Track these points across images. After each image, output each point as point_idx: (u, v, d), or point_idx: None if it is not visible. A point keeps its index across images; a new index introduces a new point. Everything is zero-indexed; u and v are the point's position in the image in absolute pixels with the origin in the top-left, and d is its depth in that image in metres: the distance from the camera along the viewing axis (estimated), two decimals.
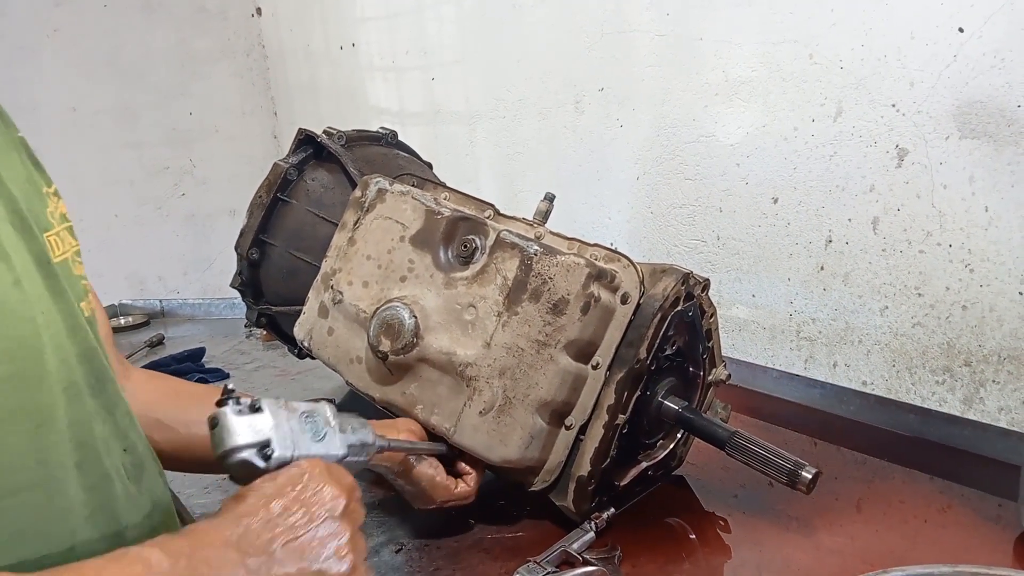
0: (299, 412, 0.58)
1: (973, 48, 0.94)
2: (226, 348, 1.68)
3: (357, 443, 0.62)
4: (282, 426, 0.55)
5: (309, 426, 0.58)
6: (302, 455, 0.56)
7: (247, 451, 0.53)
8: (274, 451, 0.54)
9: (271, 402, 0.56)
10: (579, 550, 0.77)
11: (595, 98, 1.45)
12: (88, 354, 0.55)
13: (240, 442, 0.53)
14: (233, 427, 0.53)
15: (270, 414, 0.55)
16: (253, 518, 0.51)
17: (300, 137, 1.17)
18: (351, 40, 2.14)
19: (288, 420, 0.56)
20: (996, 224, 0.96)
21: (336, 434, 0.60)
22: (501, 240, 0.82)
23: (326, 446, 0.58)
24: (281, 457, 0.54)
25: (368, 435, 0.64)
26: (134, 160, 2.62)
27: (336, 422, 0.61)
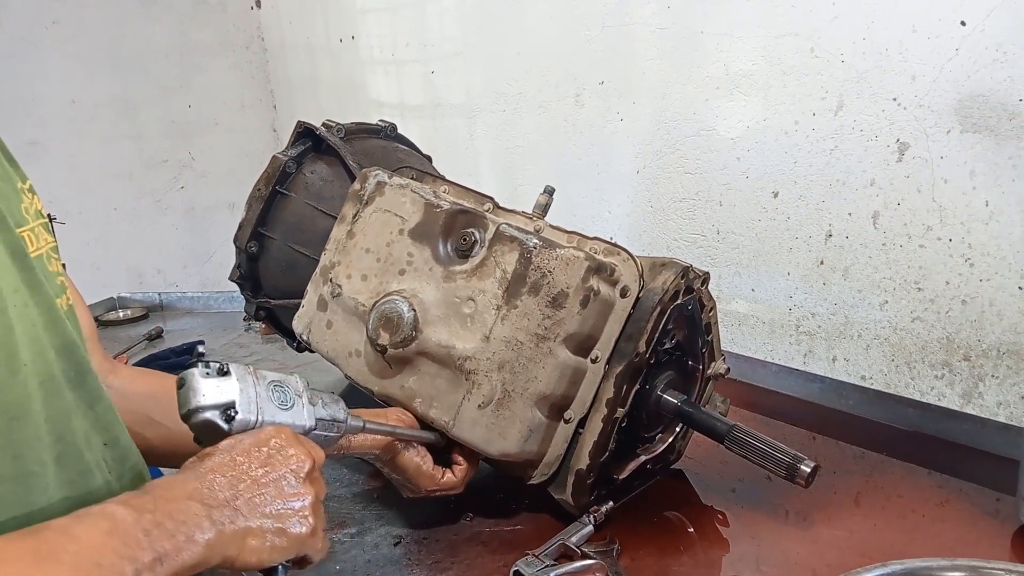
0: (267, 380, 0.58)
1: (975, 42, 0.94)
2: (225, 341, 1.68)
3: (327, 417, 0.62)
4: (248, 391, 0.56)
5: (277, 395, 0.58)
6: (267, 421, 0.56)
7: (211, 411, 0.54)
8: (237, 413, 0.55)
9: (239, 367, 0.56)
10: (578, 543, 0.77)
11: (595, 91, 1.44)
12: (67, 347, 0.55)
13: (204, 402, 0.54)
14: (198, 387, 0.54)
15: (236, 378, 0.56)
16: (217, 473, 0.52)
17: (299, 130, 1.17)
18: (351, 33, 2.13)
19: (255, 386, 0.57)
20: (997, 218, 0.96)
21: (305, 406, 0.60)
22: (500, 233, 0.81)
23: (293, 415, 0.59)
24: (245, 420, 0.55)
25: (339, 411, 0.64)
26: (133, 153, 2.62)
27: (307, 395, 0.61)
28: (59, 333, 0.54)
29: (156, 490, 0.50)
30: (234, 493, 0.52)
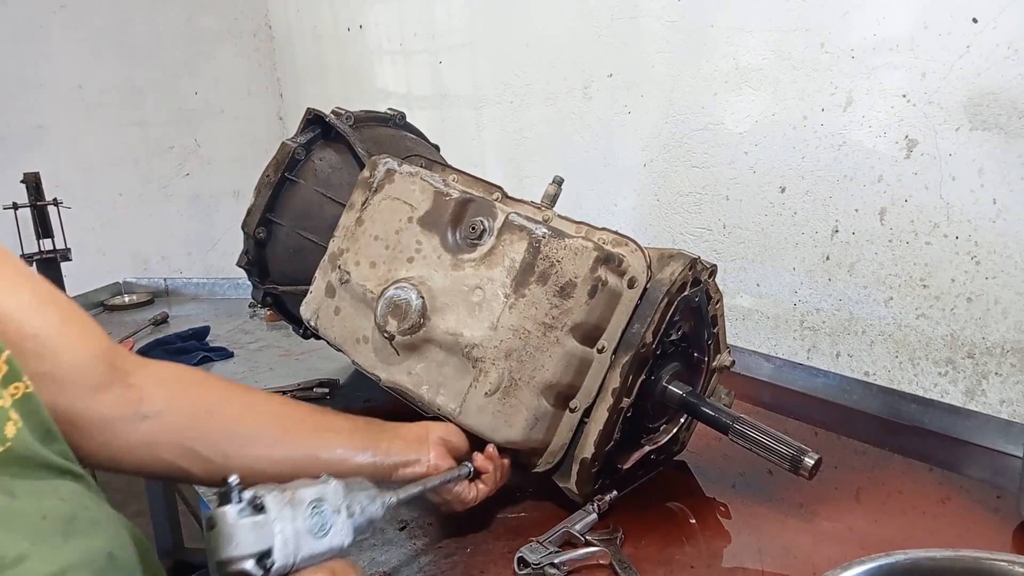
0: (305, 503, 0.54)
1: (987, 39, 0.94)
2: (230, 327, 1.69)
3: (365, 523, 0.59)
4: (285, 529, 0.51)
5: (315, 519, 0.54)
6: (304, 557, 0.52)
7: (246, 562, 0.50)
8: (275, 562, 0.50)
9: (276, 497, 0.52)
10: (581, 531, 0.77)
11: (604, 84, 1.44)
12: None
13: (239, 552, 0.50)
14: (232, 533, 0.50)
15: (274, 515, 0.51)
16: None
17: (308, 117, 1.17)
18: (359, 22, 2.13)
19: (293, 520, 0.52)
20: (1004, 216, 0.96)
21: (343, 521, 0.56)
22: (509, 222, 0.82)
23: (331, 539, 0.55)
24: (282, 567, 0.51)
25: (377, 509, 0.61)
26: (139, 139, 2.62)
27: (344, 504, 0.57)
28: None
29: None
30: None
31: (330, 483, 0.57)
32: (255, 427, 0.74)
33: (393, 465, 0.74)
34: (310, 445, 0.74)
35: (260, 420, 0.75)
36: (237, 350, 1.52)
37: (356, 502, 0.58)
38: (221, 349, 1.50)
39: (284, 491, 0.53)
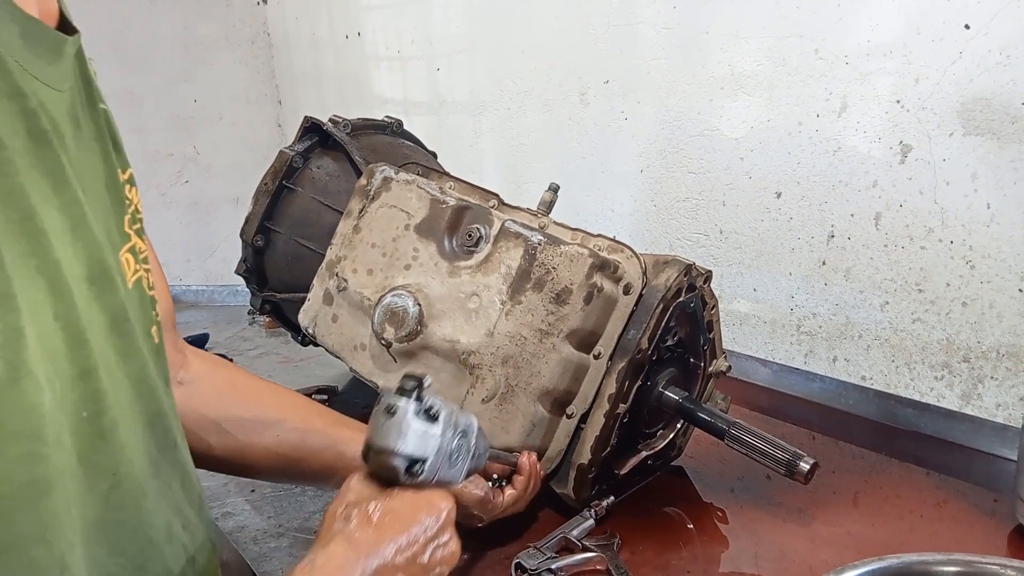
0: (459, 429, 0.56)
1: (979, 45, 0.94)
2: (229, 335, 1.69)
3: (473, 469, 0.61)
4: (443, 448, 0.54)
5: (455, 447, 0.56)
6: (438, 479, 0.55)
7: (401, 460, 0.52)
8: (422, 472, 0.53)
9: (447, 411, 0.54)
10: (579, 537, 0.78)
11: (600, 90, 1.45)
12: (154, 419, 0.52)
13: (403, 448, 0.52)
14: (404, 430, 0.52)
15: (440, 429, 0.53)
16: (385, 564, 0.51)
17: (306, 125, 1.18)
18: (356, 29, 2.14)
19: (450, 441, 0.55)
20: (998, 221, 0.96)
21: (468, 459, 0.58)
22: (505, 230, 0.82)
23: (455, 472, 0.57)
24: (423, 480, 0.53)
25: (482, 461, 0.63)
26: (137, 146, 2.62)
27: (475, 444, 0.59)
28: (146, 406, 0.51)
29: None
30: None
31: (473, 420, 0.59)
32: (280, 412, 0.75)
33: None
34: (330, 437, 0.74)
35: (284, 406, 0.76)
36: (236, 357, 1.52)
37: (479, 446, 0.60)
38: (221, 356, 1.51)
39: (452, 412, 0.55)
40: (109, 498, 0.46)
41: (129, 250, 0.52)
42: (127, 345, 0.49)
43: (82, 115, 0.49)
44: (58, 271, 0.42)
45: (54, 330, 0.41)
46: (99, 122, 0.52)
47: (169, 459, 0.53)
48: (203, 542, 0.57)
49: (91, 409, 0.44)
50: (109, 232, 0.49)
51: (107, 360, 0.46)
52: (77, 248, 0.44)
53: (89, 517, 0.44)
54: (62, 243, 0.42)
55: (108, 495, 0.46)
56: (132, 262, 0.52)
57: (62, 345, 0.42)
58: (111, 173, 0.52)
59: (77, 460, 0.43)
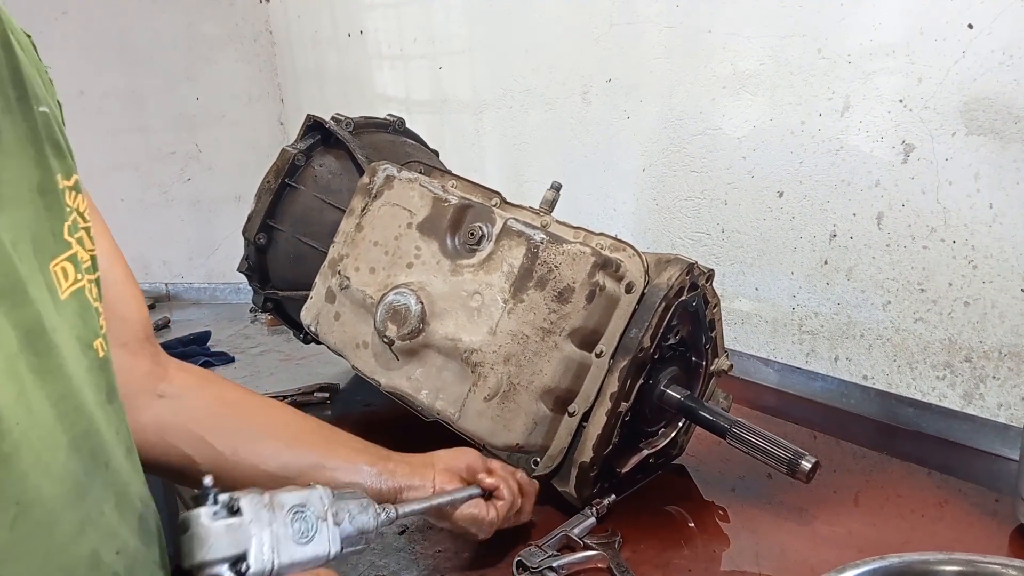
0: (286, 509, 0.52)
1: (982, 44, 0.94)
2: (231, 332, 1.69)
3: (355, 533, 0.57)
4: (262, 533, 0.49)
5: (298, 525, 0.52)
6: (284, 564, 0.50)
7: (219, 566, 0.48)
8: (250, 567, 0.49)
9: (253, 499, 0.50)
10: (580, 535, 0.78)
11: (602, 89, 1.45)
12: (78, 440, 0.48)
13: (211, 556, 0.48)
14: (205, 536, 0.48)
15: (250, 519, 0.49)
16: None
17: (308, 123, 1.18)
18: (359, 27, 2.14)
19: (271, 523, 0.50)
20: (1000, 221, 0.96)
21: (329, 528, 0.54)
22: (508, 228, 0.82)
23: (315, 547, 0.53)
24: (258, 572, 0.49)
25: (369, 520, 0.58)
26: (140, 144, 2.62)
27: (332, 511, 0.55)
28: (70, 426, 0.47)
29: None
30: None
31: (316, 489, 0.55)
32: (268, 428, 0.73)
33: (397, 488, 0.72)
34: (319, 454, 0.72)
35: (273, 422, 0.74)
36: (238, 355, 1.52)
37: (343, 510, 0.56)
38: (222, 354, 1.51)
39: (263, 495, 0.52)
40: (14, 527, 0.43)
41: (68, 259, 0.49)
42: (44, 362, 0.45)
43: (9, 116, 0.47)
44: None
45: None
46: (33, 125, 0.49)
47: (101, 481, 0.50)
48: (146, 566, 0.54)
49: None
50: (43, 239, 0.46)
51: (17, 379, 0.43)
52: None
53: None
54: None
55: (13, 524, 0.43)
56: (71, 272, 0.49)
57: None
58: (47, 179, 0.49)
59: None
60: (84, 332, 0.50)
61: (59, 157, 0.51)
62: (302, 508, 0.53)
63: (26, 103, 0.48)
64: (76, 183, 0.52)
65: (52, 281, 0.47)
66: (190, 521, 0.49)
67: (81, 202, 0.52)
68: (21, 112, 0.48)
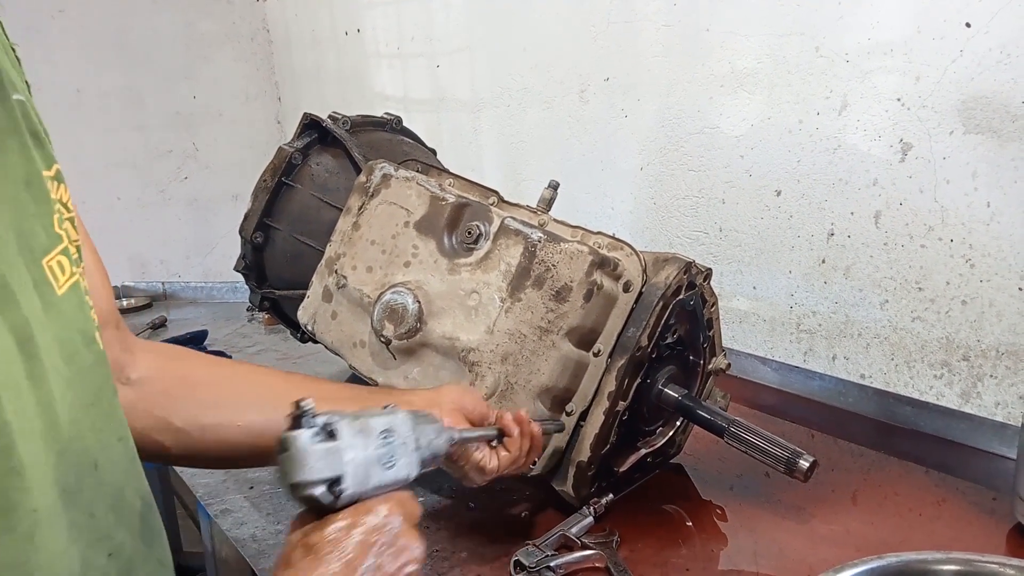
0: (376, 433, 0.53)
1: (980, 43, 0.94)
2: (228, 331, 1.69)
3: (429, 457, 0.58)
4: (357, 456, 0.51)
5: (384, 450, 0.53)
6: (372, 487, 0.52)
7: (317, 487, 0.49)
8: (346, 489, 0.50)
9: (348, 424, 0.51)
10: (578, 534, 0.78)
11: (600, 88, 1.45)
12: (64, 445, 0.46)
13: (311, 477, 0.49)
14: (305, 459, 0.49)
15: (346, 443, 0.50)
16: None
17: (305, 122, 1.18)
18: (356, 26, 2.13)
19: (364, 448, 0.51)
20: (998, 220, 0.96)
21: (409, 453, 0.55)
22: (505, 227, 0.82)
23: (397, 471, 0.54)
24: (352, 495, 0.50)
25: (442, 443, 0.59)
26: (138, 143, 2.62)
27: (413, 436, 0.56)
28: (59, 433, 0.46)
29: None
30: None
31: (398, 414, 0.56)
32: (234, 396, 0.71)
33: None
34: None
35: (240, 389, 0.72)
36: (235, 354, 1.52)
37: (423, 435, 0.57)
38: (219, 353, 1.51)
39: (356, 419, 0.53)
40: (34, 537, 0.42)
41: (62, 252, 0.47)
42: (33, 368, 0.44)
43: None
44: None
45: None
46: (12, 115, 0.46)
47: (91, 483, 0.49)
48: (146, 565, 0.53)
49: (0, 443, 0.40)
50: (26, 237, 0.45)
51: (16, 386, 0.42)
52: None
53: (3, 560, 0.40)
54: None
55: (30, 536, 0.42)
56: (67, 265, 0.48)
57: None
58: (32, 171, 0.47)
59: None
60: (85, 325, 0.49)
61: (39, 147, 0.48)
62: (389, 434, 0.54)
63: (2, 92, 0.46)
64: (57, 172, 0.50)
65: (46, 278, 0.45)
66: (290, 442, 0.49)
67: (64, 192, 0.51)
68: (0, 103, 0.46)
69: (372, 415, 0.54)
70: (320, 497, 0.49)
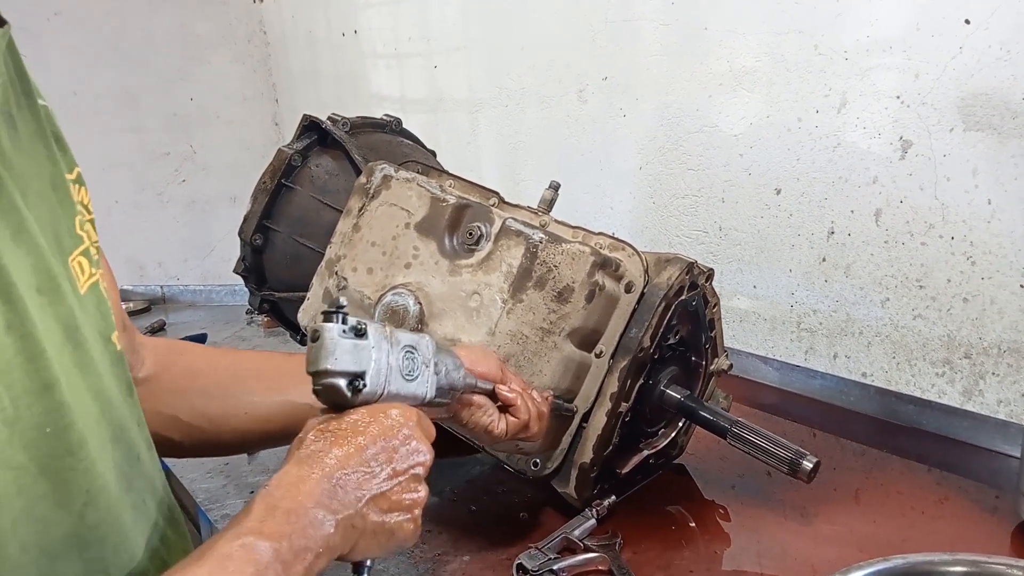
0: (401, 345, 0.55)
1: (979, 40, 0.94)
2: (227, 334, 1.69)
3: (446, 386, 0.59)
4: (381, 359, 0.53)
5: (407, 363, 0.55)
6: (391, 393, 0.53)
7: (339, 378, 0.51)
8: (366, 386, 0.52)
9: (376, 328, 0.53)
10: (580, 536, 0.77)
11: (599, 87, 1.44)
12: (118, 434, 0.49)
13: (335, 366, 0.50)
14: (333, 348, 0.50)
15: (373, 343, 0.52)
16: (346, 470, 0.49)
17: (304, 123, 1.17)
18: (353, 27, 2.13)
19: (389, 353, 0.53)
20: (998, 217, 0.96)
21: (429, 374, 0.57)
22: (506, 228, 0.82)
23: (416, 386, 0.56)
24: (370, 393, 0.52)
25: (459, 378, 0.61)
26: (135, 145, 2.61)
27: (433, 361, 0.58)
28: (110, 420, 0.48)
29: (284, 502, 0.46)
30: (360, 496, 0.49)
31: (425, 337, 0.58)
32: (237, 384, 0.72)
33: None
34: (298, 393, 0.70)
35: (242, 376, 0.73)
36: None
37: (443, 363, 0.59)
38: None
39: (386, 327, 0.55)
40: (84, 516, 0.44)
41: (82, 253, 0.50)
42: (82, 356, 0.46)
43: (18, 113, 0.47)
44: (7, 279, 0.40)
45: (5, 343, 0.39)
46: (39, 119, 0.49)
47: (138, 472, 0.51)
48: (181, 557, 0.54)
49: (56, 424, 0.42)
50: (58, 236, 0.47)
51: (68, 373, 0.44)
52: (20, 256, 0.42)
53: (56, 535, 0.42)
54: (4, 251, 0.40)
55: (83, 512, 0.44)
56: (87, 266, 0.50)
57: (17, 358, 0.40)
58: (57, 173, 0.49)
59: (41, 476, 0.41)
60: (104, 326, 0.50)
61: (62, 150, 0.51)
62: (413, 349, 0.56)
63: (30, 98, 0.48)
64: (78, 176, 0.53)
65: (73, 276, 0.47)
66: (321, 332, 0.51)
67: (84, 194, 0.53)
68: (28, 107, 0.48)
69: (401, 330, 0.57)
70: (341, 387, 0.51)
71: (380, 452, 0.50)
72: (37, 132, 0.48)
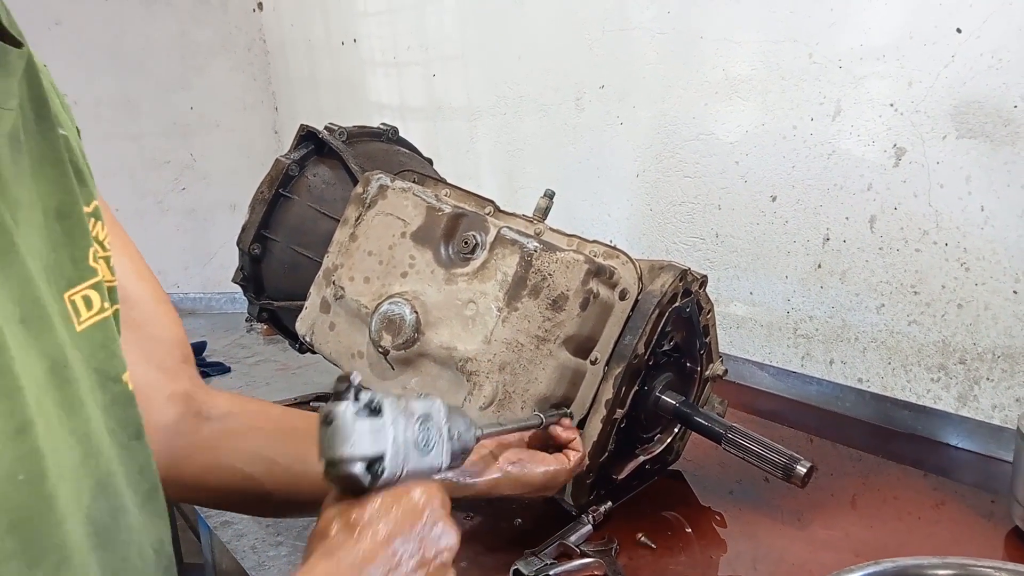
0: (415, 416, 0.52)
1: (971, 48, 0.95)
2: (227, 342, 1.69)
3: (459, 449, 0.57)
4: (399, 437, 0.50)
5: (422, 435, 0.52)
6: (409, 471, 0.51)
7: (357, 464, 0.48)
8: (384, 470, 0.49)
9: (392, 403, 0.50)
10: (577, 542, 0.78)
11: (596, 95, 1.45)
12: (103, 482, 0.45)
13: (353, 452, 0.48)
14: (349, 432, 0.47)
15: (390, 421, 0.49)
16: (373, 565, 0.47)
17: (302, 133, 1.18)
18: (352, 35, 2.14)
19: (405, 429, 0.51)
20: (992, 223, 0.97)
21: (443, 442, 0.54)
22: (501, 236, 0.82)
23: (431, 458, 0.53)
24: (390, 476, 0.49)
25: (471, 439, 0.59)
26: (134, 153, 2.62)
27: (446, 427, 0.55)
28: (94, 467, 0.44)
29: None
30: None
31: (436, 401, 0.56)
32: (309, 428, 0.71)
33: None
34: None
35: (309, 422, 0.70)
36: (234, 365, 1.52)
37: (456, 427, 0.57)
38: (218, 364, 1.51)
39: (400, 399, 0.52)
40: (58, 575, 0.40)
41: (92, 287, 0.47)
42: (68, 396, 0.43)
43: (28, 138, 0.45)
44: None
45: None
46: (56, 147, 0.47)
47: (124, 524, 0.47)
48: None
49: (29, 471, 0.38)
50: (58, 267, 0.44)
51: (47, 414, 0.40)
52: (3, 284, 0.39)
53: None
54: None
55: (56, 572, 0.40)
56: (96, 300, 0.47)
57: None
58: (68, 203, 0.47)
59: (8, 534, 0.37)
60: (109, 365, 0.47)
61: (81, 182, 0.49)
62: (428, 418, 0.53)
63: (47, 123, 0.47)
64: (96, 210, 0.50)
65: (67, 311, 0.44)
66: (335, 415, 0.48)
67: (100, 230, 0.50)
68: (40, 132, 0.46)
69: (412, 398, 0.54)
70: (359, 475, 0.48)
71: (407, 541, 0.49)
72: (49, 159, 0.46)
